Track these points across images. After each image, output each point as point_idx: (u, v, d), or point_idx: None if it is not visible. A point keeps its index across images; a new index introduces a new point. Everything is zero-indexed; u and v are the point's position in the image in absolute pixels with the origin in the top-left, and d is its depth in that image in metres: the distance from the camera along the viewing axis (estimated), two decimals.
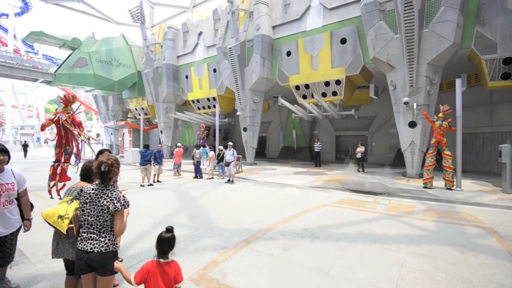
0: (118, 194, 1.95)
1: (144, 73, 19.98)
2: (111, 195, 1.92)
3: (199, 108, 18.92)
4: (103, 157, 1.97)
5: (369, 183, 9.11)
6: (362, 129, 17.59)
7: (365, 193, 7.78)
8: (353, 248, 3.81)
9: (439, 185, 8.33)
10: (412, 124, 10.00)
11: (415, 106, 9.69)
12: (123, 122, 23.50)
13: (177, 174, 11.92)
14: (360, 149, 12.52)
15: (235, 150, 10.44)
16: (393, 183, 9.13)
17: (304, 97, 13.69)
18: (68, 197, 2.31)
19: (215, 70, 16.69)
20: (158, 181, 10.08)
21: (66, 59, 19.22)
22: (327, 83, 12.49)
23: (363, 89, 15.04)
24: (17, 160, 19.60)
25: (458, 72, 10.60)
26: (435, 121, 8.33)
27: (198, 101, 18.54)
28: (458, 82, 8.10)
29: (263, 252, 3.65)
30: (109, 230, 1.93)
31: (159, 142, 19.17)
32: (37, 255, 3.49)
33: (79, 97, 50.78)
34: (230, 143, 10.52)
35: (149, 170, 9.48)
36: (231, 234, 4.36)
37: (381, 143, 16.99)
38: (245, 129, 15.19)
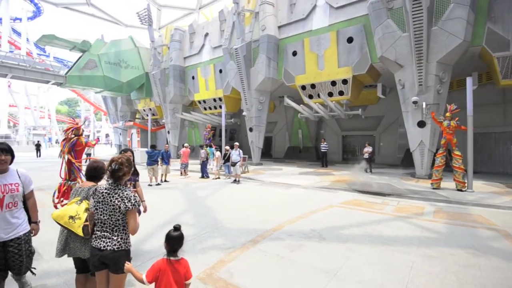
0: (130, 194, 1.97)
1: (152, 75, 20.26)
2: (122, 195, 1.95)
3: (206, 109, 19.05)
4: (116, 156, 2.03)
5: (377, 184, 8.97)
6: (370, 129, 17.37)
7: (373, 194, 7.67)
8: (361, 250, 3.77)
9: (450, 186, 8.14)
10: (421, 124, 9.82)
11: (424, 106, 9.50)
12: (132, 123, 23.91)
13: (184, 174, 12.04)
14: (368, 149, 12.37)
15: (241, 150, 10.47)
16: (402, 184, 8.98)
17: (310, 97, 13.61)
18: (77, 198, 2.33)
19: (221, 71, 16.78)
20: (166, 181, 10.20)
21: (77, 61, 19.71)
22: (334, 83, 12.39)
23: (371, 89, 14.82)
24: (31, 160, 20.18)
25: (469, 70, 10.32)
26: (443, 121, 8.17)
27: (205, 102, 18.67)
28: (469, 81, 7.91)
29: (270, 252, 3.65)
30: (121, 229, 1.96)
31: (166, 142, 19.37)
32: (50, 252, 3.55)
33: (89, 98, 52.17)
34: (236, 143, 10.56)
35: (156, 170, 9.60)
36: (238, 234, 4.37)
37: (389, 143, 16.75)
38: (251, 129, 15.22)
